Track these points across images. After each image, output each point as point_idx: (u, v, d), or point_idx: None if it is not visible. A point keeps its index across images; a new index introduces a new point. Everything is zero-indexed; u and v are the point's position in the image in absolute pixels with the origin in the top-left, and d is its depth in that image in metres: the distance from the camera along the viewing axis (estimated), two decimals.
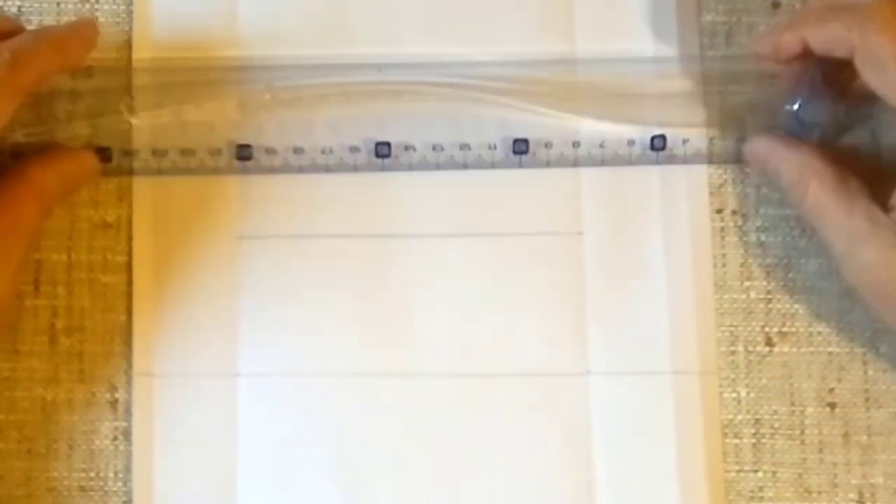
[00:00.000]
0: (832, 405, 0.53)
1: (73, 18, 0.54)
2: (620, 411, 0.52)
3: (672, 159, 0.53)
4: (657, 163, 0.53)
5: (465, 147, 0.53)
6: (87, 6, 0.54)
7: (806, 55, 0.49)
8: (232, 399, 0.52)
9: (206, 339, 0.52)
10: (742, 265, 0.53)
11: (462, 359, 0.52)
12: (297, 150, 0.53)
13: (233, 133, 0.52)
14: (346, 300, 0.52)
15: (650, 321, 0.52)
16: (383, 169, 0.53)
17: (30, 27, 0.54)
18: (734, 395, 0.53)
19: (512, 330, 0.52)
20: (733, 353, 0.53)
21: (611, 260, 0.53)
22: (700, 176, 0.53)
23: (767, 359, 0.53)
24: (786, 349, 0.53)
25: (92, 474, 0.52)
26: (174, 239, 0.52)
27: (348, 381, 0.52)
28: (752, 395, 0.53)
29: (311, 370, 0.52)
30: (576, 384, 0.52)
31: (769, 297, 0.53)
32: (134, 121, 0.52)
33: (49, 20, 0.54)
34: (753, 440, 0.52)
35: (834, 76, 0.50)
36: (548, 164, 0.53)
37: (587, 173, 0.53)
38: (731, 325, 0.53)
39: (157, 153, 0.52)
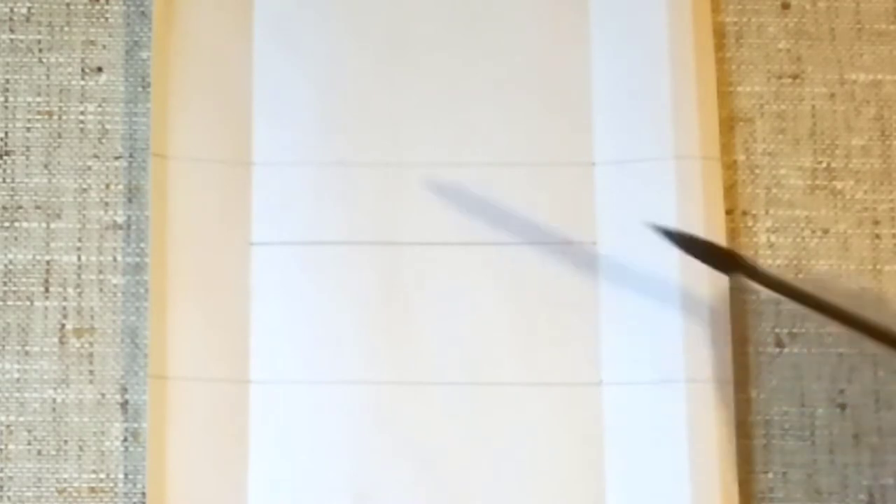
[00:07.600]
0: (842, 406, 0.53)
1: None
2: (633, 421, 0.51)
3: None
4: None
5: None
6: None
7: None
8: (244, 405, 0.52)
9: (219, 345, 0.52)
10: None
11: (474, 368, 0.52)
12: None
13: None
14: (358, 307, 0.52)
15: (664, 329, 0.52)
16: None
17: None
18: (744, 396, 0.52)
19: (524, 339, 0.52)
20: (743, 354, 0.53)
21: (624, 268, 0.52)
22: (716, 179, 0.53)
23: (778, 360, 0.53)
24: (796, 350, 0.53)
25: (102, 476, 0.52)
26: (188, 244, 0.52)
27: (360, 389, 0.52)
28: (762, 396, 0.53)
29: (324, 378, 0.52)
30: (588, 394, 0.52)
31: (779, 298, 0.53)
32: None
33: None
34: (763, 441, 0.52)
35: None
36: None
37: (601, 179, 0.53)
38: (742, 327, 0.53)
39: None
